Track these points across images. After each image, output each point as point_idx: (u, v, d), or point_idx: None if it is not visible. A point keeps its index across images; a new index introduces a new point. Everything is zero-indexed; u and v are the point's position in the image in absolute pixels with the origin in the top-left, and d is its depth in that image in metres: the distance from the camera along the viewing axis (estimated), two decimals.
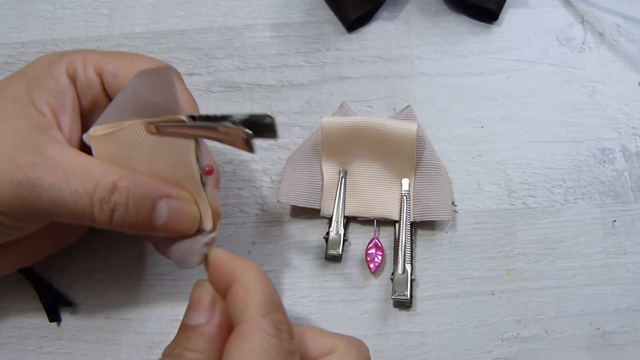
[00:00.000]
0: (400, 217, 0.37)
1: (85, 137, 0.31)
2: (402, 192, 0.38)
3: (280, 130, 0.41)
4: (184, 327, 0.27)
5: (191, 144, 0.29)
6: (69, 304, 0.37)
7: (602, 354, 0.35)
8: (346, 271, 0.37)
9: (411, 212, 0.38)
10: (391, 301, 0.36)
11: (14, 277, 0.36)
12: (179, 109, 0.28)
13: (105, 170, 0.28)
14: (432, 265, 0.37)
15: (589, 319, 0.35)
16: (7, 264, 0.34)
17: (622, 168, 0.39)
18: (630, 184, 0.39)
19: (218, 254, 0.28)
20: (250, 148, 0.27)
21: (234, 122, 0.27)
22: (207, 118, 0.28)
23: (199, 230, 0.30)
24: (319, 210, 0.38)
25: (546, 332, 0.35)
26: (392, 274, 0.36)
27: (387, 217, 0.38)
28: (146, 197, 0.29)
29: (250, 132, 0.27)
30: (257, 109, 0.42)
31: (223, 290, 0.27)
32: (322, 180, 0.39)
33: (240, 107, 0.42)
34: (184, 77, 0.43)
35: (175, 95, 0.28)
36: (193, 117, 0.28)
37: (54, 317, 0.37)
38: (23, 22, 0.46)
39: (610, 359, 0.35)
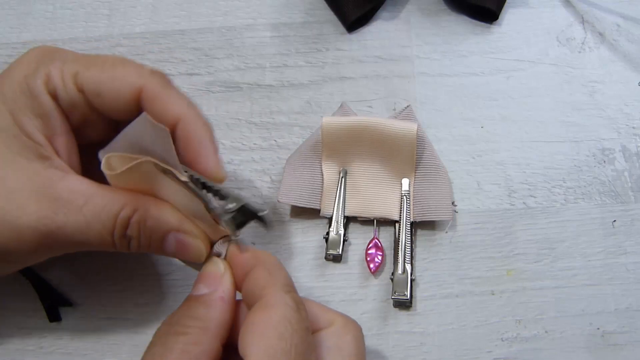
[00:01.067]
0: (400, 217, 0.37)
1: (101, 153, 0.30)
2: (402, 192, 0.38)
3: (280, 130, 0.41)
4: (188, 298, 0.28)
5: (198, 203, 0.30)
6: (69, 304, 0.37)
7: (602, 354, 0.35)
8: (346, 271, 0.37)
9: (411, 212, 0.38)
10: (391, 301, 0.36)
11: (14, 277, 0.36)
12: (178, 167, 0.29)
13: (119, 203, 0.29)
14: (432, 265, 0.37)
15: (589, 319, 0.35)
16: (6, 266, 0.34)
17: (622, 168, 0.39)
18: (630, 184, 0.39)
19: (234, 245, 0.30)
20: (232, 237, 0.30)
21: (226, 211, 0.29)
22: (204, 186, 0.30)
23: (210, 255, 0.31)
24: (319, 210, 0.38)
25: (546, 332, 0.35)
26: (392, 274, 0.36)
27: (387, 217, 0.38)
28: (156, 231, 0.30)
29: (237, 237, 0.30)
30: (257, 109, 0.42)
31: (240, 277, 0.29)
32: (322, 180, 0.39)
33: (240, 107, 0.42)
34: (184, 77, 0.43)
35: (174, 155, 0.28)
36: (192, 177, 0.30)
37: (54, 317, 0.37)
38: (23, 22, 0.46)
39: (610, 359, 0.35)
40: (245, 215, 0.30)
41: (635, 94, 0.42)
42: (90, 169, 0.31)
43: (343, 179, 0.39)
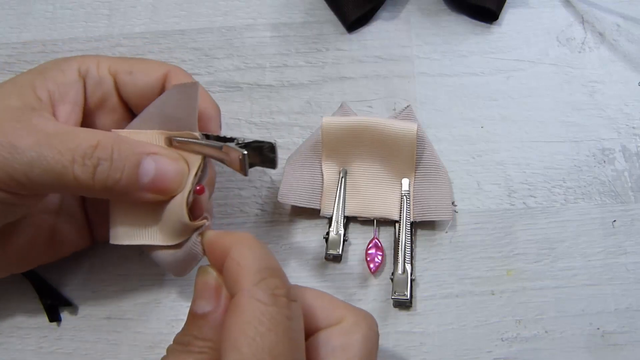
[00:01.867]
0: (400, 217, 0.37)
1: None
2: (402, 192, 0.38)
3: (280, 130, 0.41)
4: (193, 315, 0.27)
5: (197, 159, 0.30)
6: (69, 304, 0.37)
7: (602, 354, 0.35)
8: (346, 271, 0.37)
9: (411, 212, 0.38)
10: (391, 301, 0.36)
11: (14, 277, 0.36)
12: (196, 126, 0.29)
13: (89, 130, 0.28)
14: (432, 265, 0.37)
15: (589, 319, 0.35)
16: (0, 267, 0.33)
17: (622, 168, 0.39)
18: (630, 184, 0.39)
19: (210, 234, 0.28)
20: (244, 170, 0.28)
21: (237, 144, 0.28)
22: (218, 138, 0.30)
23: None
24: (319, 210, 0.38)
25: (546, 332, 0.35)
26: (392, 274, 0.36)
27: (387, 217, 0.38)
28: (131, 152, 0.28)
29: (245, 152, 0.28)
30: (257, 109, 0.42)
31: (220, 269, 0.27)
32: (322, 180, 0.39)
33: (240, 107, 0.42)
34: None
35: (195, 112, 0.29)
36: (207, 136, 0.30)
37: (54, 317, 0.37)
38: (23, 22, 0.46)
39: (610, 359, 0.35)
40: (255, 150, 0.29)
41: (635, 94, 0.42)
42: None
43: (343, 179, 0.39)
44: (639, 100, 0.41)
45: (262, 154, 0.29)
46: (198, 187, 0.29)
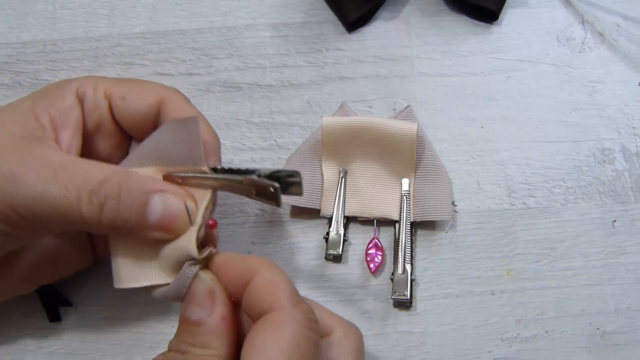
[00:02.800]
0: (400, 217, 0.37)
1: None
2: (402, 192, 0.38)
3: (280, 130, 0.41)
4: (186, 322, 0.27)
5: (206, 193, 0.29)
6: (69, 304, 0.37)
7: (602, 354, 0.35)
8: (346, 271, 0.37)
9: (411, 212, 0.38)
10: (391, 301, 0.36)
11: None
12: (202, 160, 0.29)
13: (96, 165, 0.28)
14: (432, 265, 0.37)
15: (589, 319, 0.35)
16: (3, 290, 0.33)
17: (622, 168, 0.39)
18: (630, 184, 0.39)
19: (226, 255, 0.28)
20: (277, 202, 0.28)
21: (259, 176, 0.27)
22: (229, 171, 0.29)
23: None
24: (319, 210, 0.38)
25: (546, 332, 0.35)
26: (392, 274, 0.36)
27: (387, 217, 0.38)
28: (139, 190, 0.27)
29: (277, 185, 0.27)
30: (257, 109, 0.42)
31: (237, 289, 0.27)
32: (322, 180, 0.39)
33: (240, 107, 0.42)
34: (184, 77, 0.43)
35: (200, 146, 0.28)
36: (215, 169, 0.29)
37: (54, 317, 0.37)
38: (23, 22, 0.46)
39: (610, 359, 0.34)
40: (279, 179, 0.28)
41: (635, 94, 0.42)
42: None
43: (343, 179, 0.39)
44: (639, 100, 0.41)
45: (285, 183, 0.28)
46: (211, 222, 0.29)
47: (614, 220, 0.38)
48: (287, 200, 0.38)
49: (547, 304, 0.36)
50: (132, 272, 0.30)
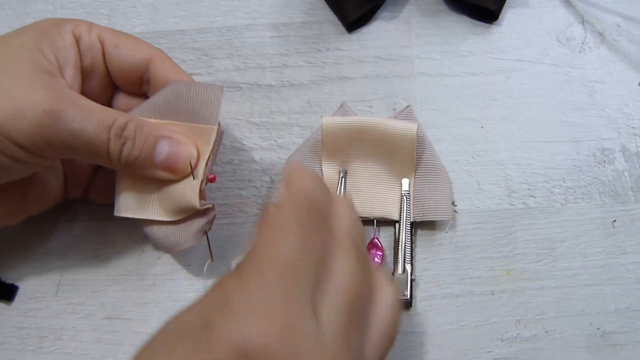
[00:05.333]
0: (400, 217, 0.37)
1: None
2: (402, 192, 0.38)
3: (280, 130, 0.41)
4: None
5: (207, 150, 0.33)
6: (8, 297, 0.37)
7: (602, 354, 0.35)
8: None
9: (411, 212, 0.38)
10: None
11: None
12: (215, 121, 0.33)
13: (119, 112, 0.32)
14: (432, 265, 0.37)
15: (589, 319, 0.35)
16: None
17: (622, 168, 0.39)
18: (630, 184, 0.39)
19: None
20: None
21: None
22: None
23: (196, 213, 0.34)
24: None
25: (546, 332, 0.35)
26: (392, 273, 0.36)
27: (387, 217, 0.38)
28: (150, 134, 0.32)
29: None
30: (257, 109, 0.42)
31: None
32: (322, 179, 0.39)
33: (240, 107, 0.42)
34: None
35: (219, 111, 0.33)
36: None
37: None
38: (23, 22, 0.46)
39: (610, 359, 0.35)
40: None
41: (635, 94, 0.42)
42: None
43: (343, 179, 0.39)
44: (639, 100, 0.41)
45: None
46: (211, 176, 0.34)
47: (614, 220, 0.38)
48: None
49: (547, 304, 0.36)
50: (133, 205, 0.34)
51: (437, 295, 0.36)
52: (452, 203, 0.38)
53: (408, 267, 0.36)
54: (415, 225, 0.38)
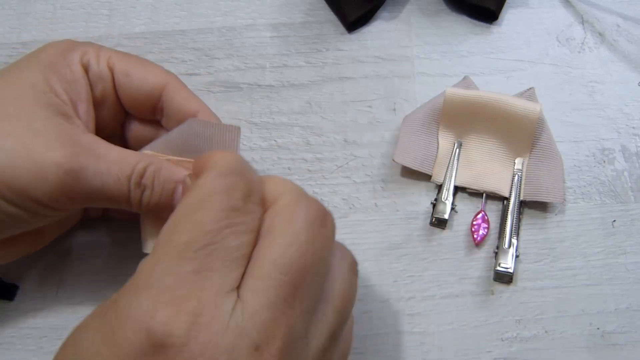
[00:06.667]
0: (510, 194, 0.37)
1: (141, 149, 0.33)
2: (515, 170, 0.38)
3: (280, 130, 0.41)
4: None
5: None
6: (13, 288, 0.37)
7: (602, 354, 0.35)
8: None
9: (521, 191, 0.38)
10: (491, 274, 0.36)
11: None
12: None
13: (134, 154, 0.31)
14: (432, 265, 0.37)
15: (589, 319, 0.35)
16: (12, 252, 0.34)
17: (622, 168, 0.39)
18: (630, 184, 0.39)
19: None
20: None
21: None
22: None
23: None
24: (429, 176, 0.39)
25: (546, 332, 0.35)
26: (497, 247, 0.36)
27: (497, 192, 0.38)
28: (168, 179, 0.31)
29: None
30: (257, 109, 0.42)
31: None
32: (437, 147, 0.39)
33: (240, 107, 0.42)
34: (184, 77, 0.43)
35: (236, 152, 0.32)
36: None
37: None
38: (23, 22, 0.46)
39: (610, 359, 0.35)
40: None
41: (635, 94, 0.42)
42: None
43: (457, 150, 0.39)
44: (639, 100, 0.41)
45: None
46: None
47: (614, 220, 0.38)
48: (400, 160, 0.38)
49: (547, 304, 0.36)
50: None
51: (437, 295, 0.36)
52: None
53: (514, 241, 0.36)
54: (523, 205, 0.38)
